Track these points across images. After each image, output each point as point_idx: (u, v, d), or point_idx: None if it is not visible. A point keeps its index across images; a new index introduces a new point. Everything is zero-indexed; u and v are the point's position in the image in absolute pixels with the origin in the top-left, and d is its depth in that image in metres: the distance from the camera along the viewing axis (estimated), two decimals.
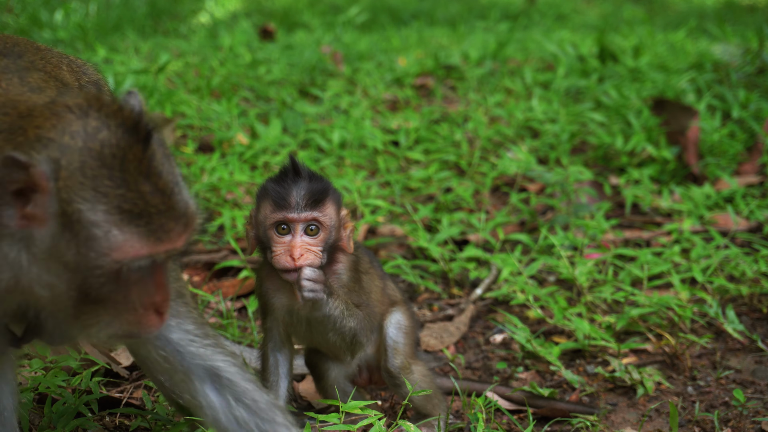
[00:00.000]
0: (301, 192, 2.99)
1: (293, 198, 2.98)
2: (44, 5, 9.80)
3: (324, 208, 3.00)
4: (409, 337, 3.27)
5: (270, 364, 3.14)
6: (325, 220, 3.00)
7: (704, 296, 4.08)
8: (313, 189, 3.00)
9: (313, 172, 3.07)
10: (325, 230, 3.01)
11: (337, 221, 3.04)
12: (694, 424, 3.40)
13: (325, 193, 3.01)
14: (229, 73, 7.03)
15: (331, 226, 3.02)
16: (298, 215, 2.97)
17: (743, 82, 6.77)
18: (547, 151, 5.94)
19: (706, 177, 5.63)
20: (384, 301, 3.26)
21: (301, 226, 2.99)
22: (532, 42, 8.75)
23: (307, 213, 2.98)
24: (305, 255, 2.98)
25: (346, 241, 3.10)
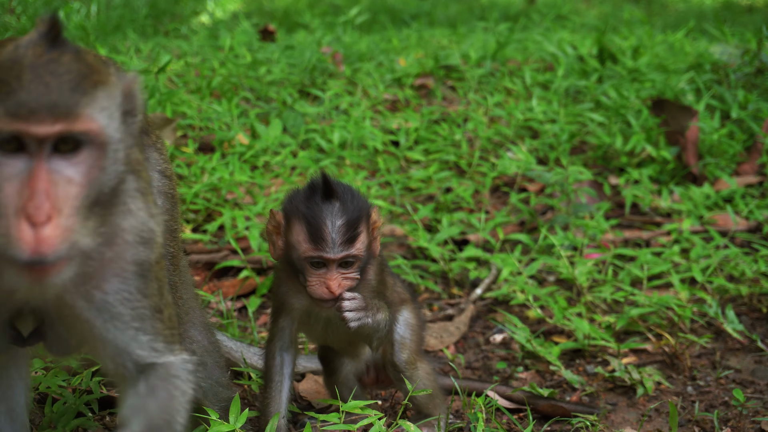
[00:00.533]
0: (336, 229, 2.97)
1: (328, 236, 2.96)
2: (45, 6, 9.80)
3: (358, 241, 3.00)
4: (416, 334, 3.28)
5: (276, 363, 3.13)
6: (360, 251, 3.01)
7: (704, 296, 4.08)
8: (348, 224, 2.98)
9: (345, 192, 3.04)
10: (360, 259, 3.02)
11: (367, 242, 3.04)
12: (693, 424, 3.41)
13: (358, 225, 3.00)
14: (230, 74, 7.03)
15: (365, 250, 3.03)
16: (335, 255, 2.97)
17: (742, 82, 6.77)
18: (547, 151, 5.95)
19: (706, 177, 5.64)
20: (394, 298, 3.27)
21: (336, 262, 3.00)
22: (532, 42, 8.75)
23: (343, 252, 2.97)
24: (342, 284, 3.00)
25: (376, 248, 3.11)
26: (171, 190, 2.80)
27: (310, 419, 3.27)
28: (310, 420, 3.25)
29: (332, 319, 3.11)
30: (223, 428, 2.85)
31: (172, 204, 2.80)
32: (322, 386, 3.57)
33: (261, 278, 4.36)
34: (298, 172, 5.50)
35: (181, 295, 2.86)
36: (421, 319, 3.37)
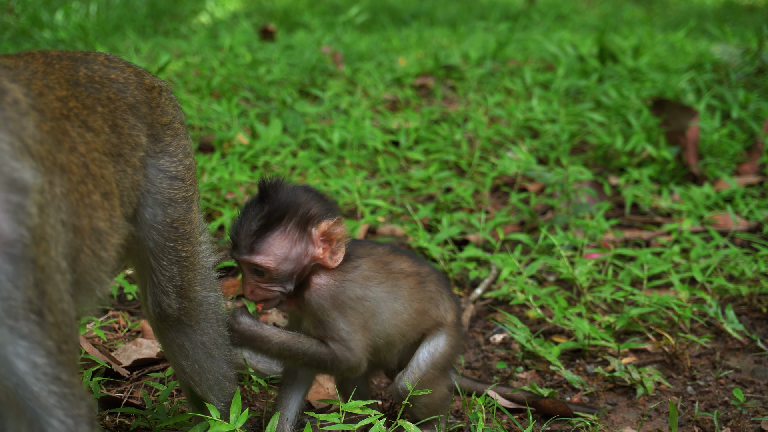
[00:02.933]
0: (245, 231, 2.90)
1: (235, 236, 2.92)
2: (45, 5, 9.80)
3: (264, 249, 2.89)
4: (437, 365, 3.16)
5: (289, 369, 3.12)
6: (267, 262, 2.90)
7: (704, 296, 4.08)
8: (260, 229, 2.89)
9: (285, 198, 2.92)
10: (270, 271, 2.92)
11: (294, 253, 2.91)
12: (693, 424, 3.40)
13: (266, 231, 2.89)
14: (230, 73, 7.03)
15: (280, 262, 2.90)
16: (238, 256, 2.93)
17: (743, 82, 6.77)
18: (547, 151, 5.95)
19: (706, 177, 5.64)
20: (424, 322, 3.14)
21: (246, 266, 2.95)
22: (532, 42, 8.75)
23: (246, 257, 2.91)
24: (255, 292, 2.96)
25: (326, 260, 2.96)
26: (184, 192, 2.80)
27: (310, 419, 3.27)
28: (310, 420, 3.25)
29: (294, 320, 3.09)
30: (223, 428, 2.85)
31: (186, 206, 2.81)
32: (322, 386, 3.56)
33: None
34: (298, 172, 5.50)
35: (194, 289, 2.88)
36: (455, 347, 3.23)
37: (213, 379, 2.99)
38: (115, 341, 3.88)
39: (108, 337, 3.89)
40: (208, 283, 2.96)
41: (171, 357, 2.97)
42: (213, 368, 2.97)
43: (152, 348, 3.74)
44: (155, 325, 2.91)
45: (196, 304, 2.90)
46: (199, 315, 2.92)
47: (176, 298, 2.85)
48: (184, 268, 2.83)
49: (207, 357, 2.95)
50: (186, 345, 2.91)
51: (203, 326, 2.94)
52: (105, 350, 3.70)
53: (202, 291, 2.93)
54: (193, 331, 2.92)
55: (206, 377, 2.96)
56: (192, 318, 2.90)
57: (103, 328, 3.94)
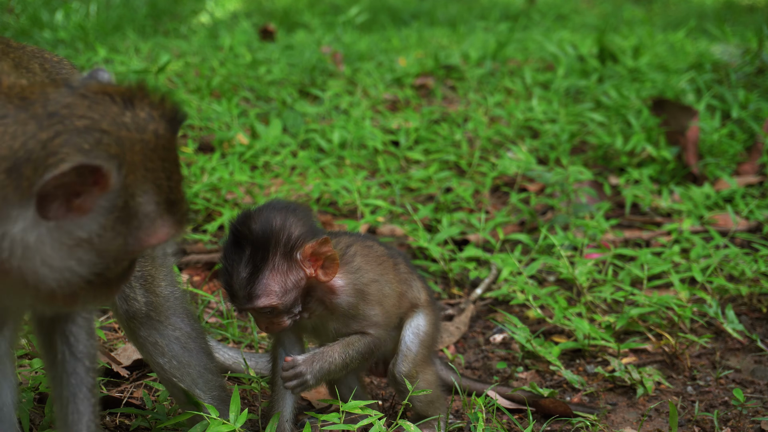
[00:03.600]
0: (237, 282, 2.86)
1: (231, 288, 2.88)
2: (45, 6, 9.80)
3: (263, 296, 2.87)
4: (424, 344, 3.22)
5: (279, 367, 3.10)
6: (272, 302, 2.88)
7: (704, 296, 4.08)
8: (248, 279, 2.84)
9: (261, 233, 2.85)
10: (274, 308, 2.91)
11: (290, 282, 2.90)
12: (693, 424, 3.40)
13: (260, 280, 2.85)
14: (229, 73, 7.03)
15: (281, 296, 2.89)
16: (241, 307, 2.92)
17: (743, 82, 6.77)
18: (547, 151, 5.95)
19: (706, 177, 5.64)
20: (403, 304, 3.20)
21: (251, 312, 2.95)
22: (532, 42, 8.75)
23: (248, 305, 2.88)
24: (271, 328, 2.96)
25: (320, 278, 2.94)
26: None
27: (310, 419, 3.27)
28: (310, 420, 3.25)
29: (318, 326, 3.09)
30: (223, 428, 2.84)
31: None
32: (322, 386, 3.56)
33: None
34: (298, 172, 5.50)
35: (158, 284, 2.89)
36: (436, 325, 3.29)
37: (195, 373, 2.98)
38: (115, 341, 3.88)
39: (108, 337, 3.89)
40: (171, 278, 2.95)
41: (148, 358, 2.94)
42: (192, 361, 2.96)
43: None
44: (126, 326, 2.89)
45: (162, 299, 2.90)
46: (168, 310, 2.92)
47: (142, 293, 2.84)
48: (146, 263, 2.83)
49: (184, 351, 2.94)
50: (159, 342, 2.91)
51: (173, 321, 2.94)
52: (105, 350, 3.70)
53: (167, 286, 2.92)
54: (164, 326, 2.92)
55: (187, 372, 2.95)
56: (161, 314, 2.90)
57: (103, 328, 3.94)
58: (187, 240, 4.67)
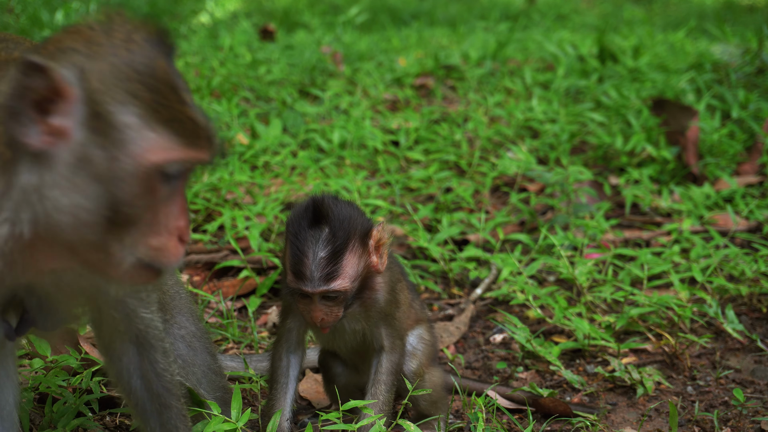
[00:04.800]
0: (317, 263, 2.85)
1: (307, 269, 2.85)
2: (45, 5, 9.80)
3: (342, 275, 2.89)
4: (427, 348, 3.27)
5: (282, 365, 3.10)
6: (344, 286, 2.89)
7: (704, 296, 4.08)
8: (331, 257, 2.85)
9: (337, 216, 2.87)
10: (344, 292, 2.92)
11: (360, 267, 2.93)
12: (693, 424, 3.40)
13: (342, 258, 2.87)
14: (229, 73, 7.03)
15: (351, 280, 2.91)
16: (313, 290, 2.88)
17: (743, 82, 6.77)
18: (547, 151, 5.95)
19: (706, 177, 5.64)
20: (411, 315, 3.24)
21: (318, 296, 2.91)
22: (532, 42, 8.76)
23: (323, 287, 2.87)
24: (326, 319, 2.94)
25: (377, 265, 2.99)
26: None
27: (310, 419, 3.27)
28: (310, 420, 3.25)
29: (341, 328, 3.09)
30: (225, 426, 2.85)
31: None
32: (321, 386, 3.56)
33: (261, 278, 4.36)
34: (298, 172, 5.50)
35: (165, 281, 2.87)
36: (434, 337, 3.37)
37: (200, 372, 2.97)
38: None
39: None
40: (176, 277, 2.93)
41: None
42: (197, 361, 2.95)
43: None
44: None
45: (169, 297, 2.88)
46: (174, 309, 2.90)
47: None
48: None
49: (189, 350, 2.93)
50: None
51: (179, 319, 2.92)
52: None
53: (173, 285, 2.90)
54: (170, 325, 2.89)
55: (192, 371, 2.93)
56: (167, 311, 2.87)
57: None
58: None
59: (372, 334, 3.08)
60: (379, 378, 3.06)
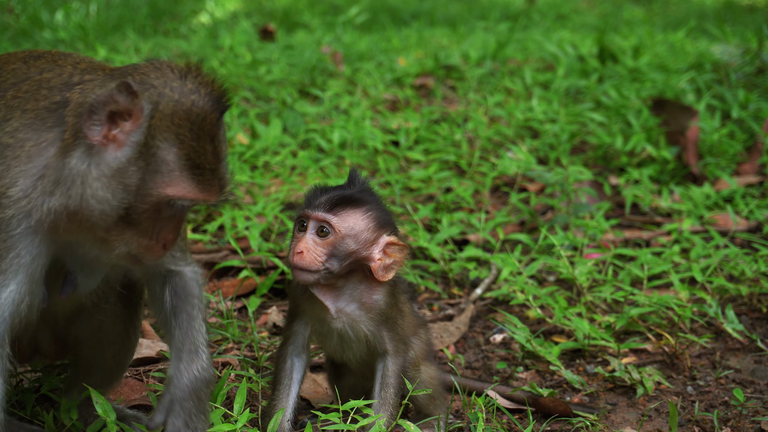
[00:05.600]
0: (327, 194, 3.02)
1: (317, 198, 3.02)
2: (45, 5, 9.80)
3: (343, 214, 3.00)
4: (422, 342, 3.29)
5: (286, 366, 3.12)
6: (340, 226, 2.98)
7: (704, 296, 4.08)
8: (341, 195, 3.02)
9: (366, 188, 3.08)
10: (336, 235, 2.98)
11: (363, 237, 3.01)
12: (693, 424, 3.40)
13: (350, 203, 3.01)
14: (230, 73, 7.03)
15: (348, 235, 2.99)
16: (314, 213, 2.99)
17: (743, 82, 6.78)
18: (547, 151, 5.95)
19: (706, 177, 5.64)
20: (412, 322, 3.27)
21: (314, 224, 3.00)
22: (532, 42, 8.76)
23: (322, 213, 2.99)
24: (304, 255, 2.98)
25: (377, 268, 3.05)
26: None
27: (310, 419, 3.27)
28: (310, 420, 3.25)
29: (343, 332, 3.10)
30: (224, 427, 2.85)
31: None
32: (321, 386, 3.56)
33: (261, 278, 4.36)
34: (298, 172, 5.50)
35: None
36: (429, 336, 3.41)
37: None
38: None
39: None
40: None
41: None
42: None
43: (152, 348, 3.75)
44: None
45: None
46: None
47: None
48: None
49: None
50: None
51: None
52: None
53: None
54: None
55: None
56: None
57: None
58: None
59: (375, 338, 3.10)
60: (387, 381, 3.10)
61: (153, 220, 2.60)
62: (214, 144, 2.58)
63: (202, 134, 2.56)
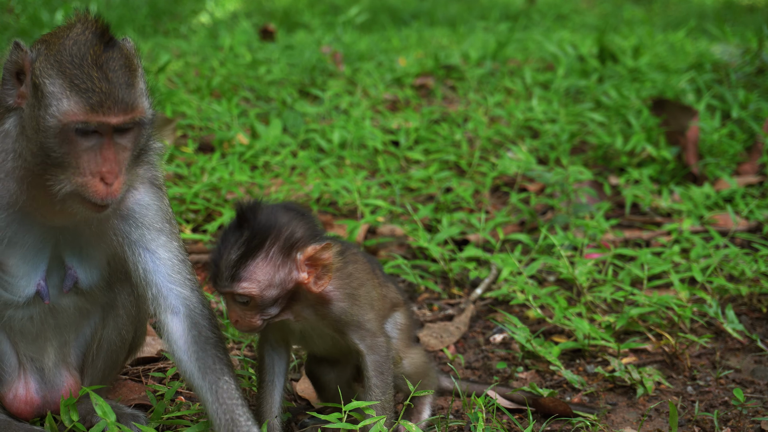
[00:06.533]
0: (225, 261, 2.84)
1: (217, 271, 2.85)
2: (45, 5, 9.80)
3: (246, 276, 2.83)
4: (403, 333, 3.25)
5: (266, 363, 3.11)
6: (250, 289, 2.83)
7: (704, 296, 4.08)
8: (236, 257, 2.82)
9: (257, 222, 2.85)
10: (254, 298, 2.85)
11: (279, 278, 2.85)
12: (693, 424, 3.40)
13: (247, 258, 2.82)
14: (230, 73, 7.04)
15: (264, 288, 2.84)
16: (222, 290, 2.86)
17: (743, 82, 6.78)
18: (547, 151, 5.95)
19: (706, 177, 5.64)
20: (385, 307, 3.21)
21: (229, 298, 2.89)
22: (532, 42, 8.76)
23: (228, 288, 2.85)
24: (240, 322, 2.90)
25: (310, 285, 2.89)
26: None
27: (311, 419, 3.27)
28: (310, 420, 3.25)
29: (305, 330, 3.07)
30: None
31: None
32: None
33: None
34: (298, 172, 5.50)
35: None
36: (411, 320, 3.35)
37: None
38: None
39: None
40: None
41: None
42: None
43: (152, 346, 3.75)
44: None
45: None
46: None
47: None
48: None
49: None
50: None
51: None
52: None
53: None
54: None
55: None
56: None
57: None
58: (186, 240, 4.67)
59: (343, 339, 3.04)
60: (369, 383, 3.02)
61: (74, 156, 2.71)
62: (103, 71, 2.70)
63: (85, 63, 2.70)
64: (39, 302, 3.01)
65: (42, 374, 3.14)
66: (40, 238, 2.95)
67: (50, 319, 3.07)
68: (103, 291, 3.13)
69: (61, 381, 3.16)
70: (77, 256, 3.01)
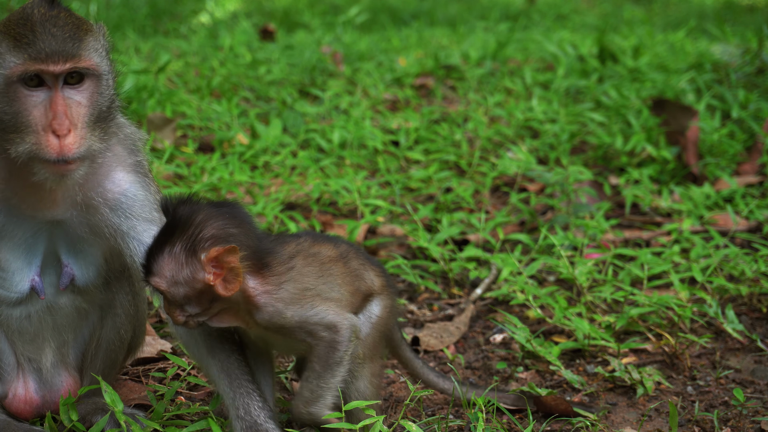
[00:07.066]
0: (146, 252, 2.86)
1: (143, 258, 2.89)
2: None
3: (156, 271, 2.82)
4: (376, 329, 3.09)
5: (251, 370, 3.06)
6: (160, 283, 2.82)
7: (704, 296, 4.08)
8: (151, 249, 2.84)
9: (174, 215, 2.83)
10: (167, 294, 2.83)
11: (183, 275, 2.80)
12: (693, 424, 3.40)
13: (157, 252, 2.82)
14: (230, 73, 7.04)
15: (172, 285, 2.81)
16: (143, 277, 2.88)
17: (743, 82, 6.78)
18: (547, 151, 5.95)
19: (706, 177, 5.64)
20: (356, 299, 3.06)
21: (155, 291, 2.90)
22: (532, 42, 8.76)
23: (144, 279, 2.87)
24: (169, 314, 2.87)
25: (219, 288, 2.80)
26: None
27: None
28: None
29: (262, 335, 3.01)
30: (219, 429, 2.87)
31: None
32: None
33: None
34: (298, 172, 5.50)
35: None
36: (391, 311, 3.16)
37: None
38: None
39: None
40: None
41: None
42: None
43: (152, 346, 3.75)
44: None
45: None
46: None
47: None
48: None
49: None
50: None
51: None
52: None
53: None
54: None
55: None
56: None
57: None
58: None
59: (295, 339, 2.95)
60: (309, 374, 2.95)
61: (27, 113, 2.77)
62: (45, 26, 2.78)
63: (28, 22, 2.79)
64: (36, 300, 3.01)
65: (40, 374, 3.14)
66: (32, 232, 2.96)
67: (48, 319, 3.07)
68: (101, 290, 3.13)
69: (60, 381, 3.16)
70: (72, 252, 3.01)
